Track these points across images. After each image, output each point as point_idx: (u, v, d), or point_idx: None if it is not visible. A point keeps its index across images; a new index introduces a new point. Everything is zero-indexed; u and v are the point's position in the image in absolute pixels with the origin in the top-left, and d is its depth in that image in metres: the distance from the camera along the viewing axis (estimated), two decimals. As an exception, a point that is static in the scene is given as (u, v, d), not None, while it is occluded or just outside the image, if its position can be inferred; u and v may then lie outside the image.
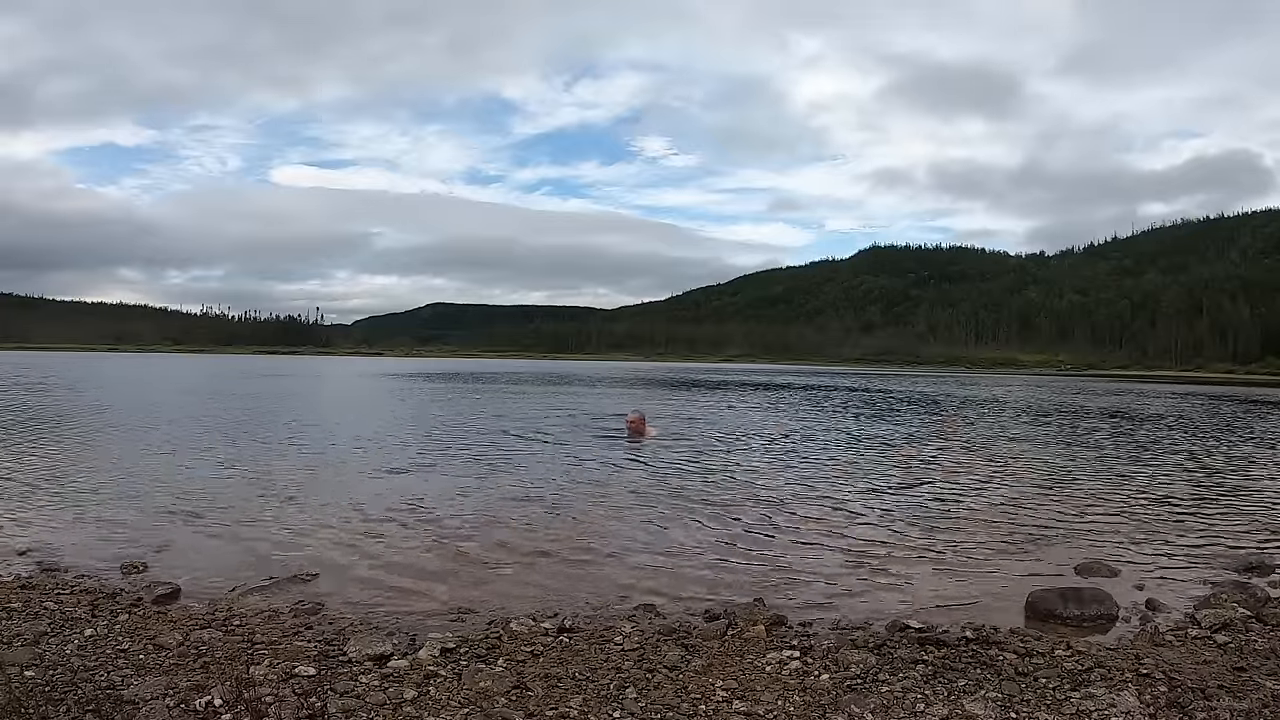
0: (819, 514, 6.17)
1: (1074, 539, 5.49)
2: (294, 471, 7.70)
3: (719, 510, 6.20)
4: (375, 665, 2.91)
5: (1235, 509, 6.79)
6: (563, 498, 6.58)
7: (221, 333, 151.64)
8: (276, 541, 4.96)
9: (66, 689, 2.60)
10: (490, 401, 19.48)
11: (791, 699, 2.71)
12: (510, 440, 10.69)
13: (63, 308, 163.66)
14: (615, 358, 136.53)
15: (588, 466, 8.42)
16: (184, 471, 7.57)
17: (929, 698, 2.71)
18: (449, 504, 6.22)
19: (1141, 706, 2.64)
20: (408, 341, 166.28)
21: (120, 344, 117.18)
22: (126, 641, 3.10)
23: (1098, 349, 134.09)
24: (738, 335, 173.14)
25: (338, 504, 6.13)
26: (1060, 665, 2.99)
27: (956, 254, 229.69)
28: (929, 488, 7.52)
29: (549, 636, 3.27)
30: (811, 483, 7.66)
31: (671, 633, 3.37)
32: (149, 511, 5.73)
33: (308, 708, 2.51)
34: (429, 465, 8.30)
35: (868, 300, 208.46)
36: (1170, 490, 7.69)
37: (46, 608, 3.47)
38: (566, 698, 2.68)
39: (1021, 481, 8.07)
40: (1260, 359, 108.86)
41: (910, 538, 5.43)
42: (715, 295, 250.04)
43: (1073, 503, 6.90)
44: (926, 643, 3.21)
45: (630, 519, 5.84)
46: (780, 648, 3.18)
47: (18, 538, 4.90)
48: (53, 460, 8.07)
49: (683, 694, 2.73)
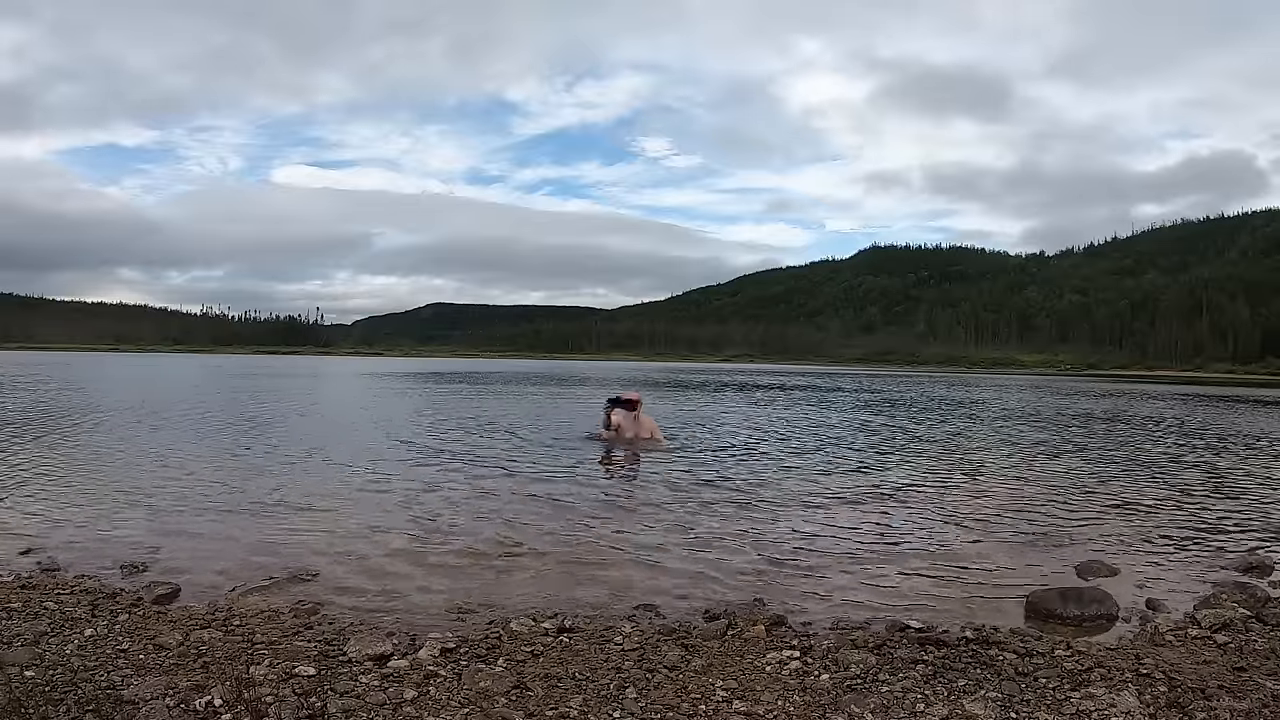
0: (819, 514, 6.17)
1: (1074, 539, 5.49)
2: (294, 471, 7.70)
3: (719, 510, 6.20)
4: (375, 665, 2.91)
5: (1235, 509, 6.79)
6: (562, 497, 6.58)
7: (222, 333, 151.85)
8: (276, 541, 4.96)
9: (66, 689, 2.59)
10: (490, 402, 19.49)
11: (791, 699, 2.71)
12: (509, 440, 10.69)
13: (64, 308, 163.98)
14: (615, 358, 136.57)
15: (587, 466, 8.41)
16: (184, 471, 7.56)
17: (929, 698, 2.71)
18: (448, 503, 6.22)
19: (1141, 706, 2.64)
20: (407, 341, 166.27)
21: (121, 344, 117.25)
22: (126, 641, 3.10)
23: (1098, 349, 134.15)
24: (738, 335, 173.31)
25: (337, 504, 6.13)
26: (1060, 665, 2.99)
27: (956, 254, 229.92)
28: (929, 488, 7.52)
29: (549, 636, 3.27)
30: (811, 482, 7.66)
31: (671, 633, 3.37)
32: (149, 511, 5.72)
33: (308, 708, 2.51)
34: (428, 465, 8.30)
35: (868, 300, 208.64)
36: (1170, 490, 7.69)
37: (46, 608, 3.47)
38: (566, 698, 2.68)
39: (1021, 481, 8.07)
40: (1260, 359, 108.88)
41: (910, 537, 5.43)
42: (715, 295, 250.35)
43: (1073, 503, 6.90)
44: (926, 643, 3.21)
45: (630, 518, 5.84)
46: (780, 648, 3.18)
47: (18, 538, 4.90)
48: (53, 460, 8.06)
49: (683, 694, 2.73)
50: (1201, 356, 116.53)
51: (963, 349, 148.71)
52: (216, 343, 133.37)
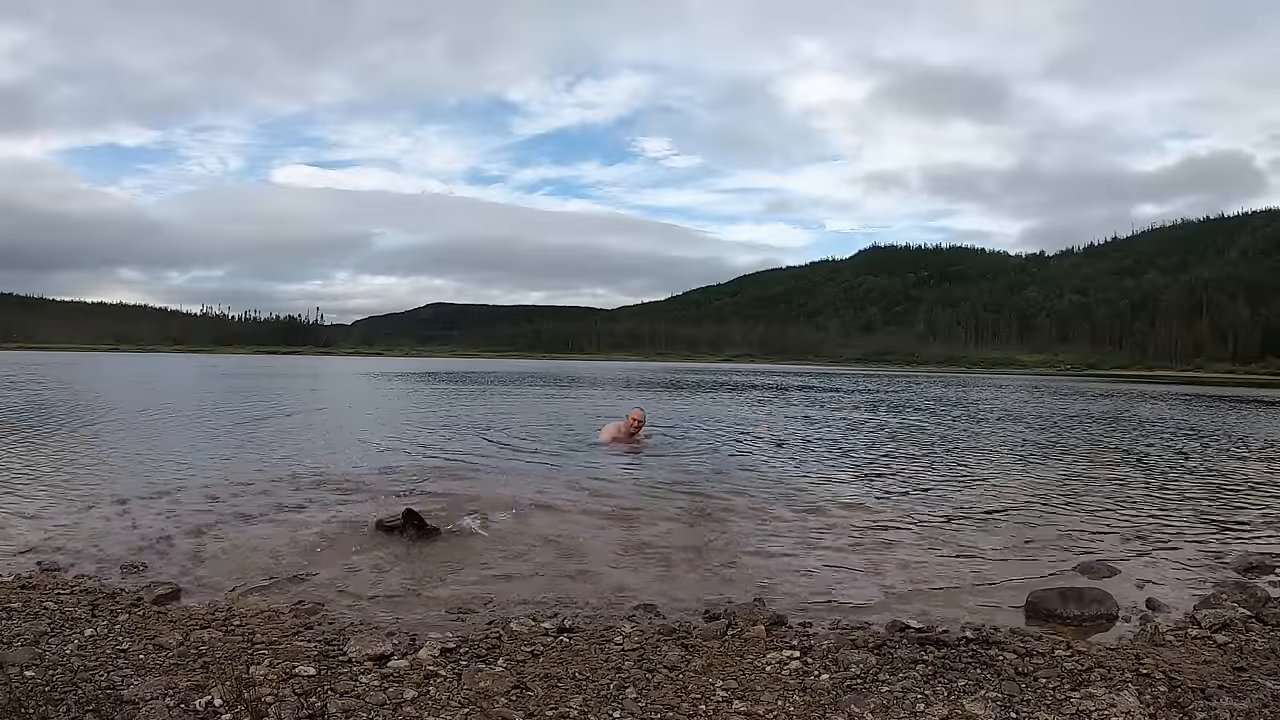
0: (819, 514, 6.17)
1: (1074, 539, 5.49)
2: (293, 471, 7.69)
3: (719, 510, 6.20)
4: (375, 665, 2.91)
5: (1235, 509, 6.79)
6: (562, 497, 6.57)
7: (222, 333, 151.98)
8: (276, 541, 4.96)
9: (66, 689, 2.59)
10: (490, 402, 19.49)
11: (791, 699, 2.71)
12: (508, 440, 10.69)
13: (64, 308, 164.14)
14: (615, 358, 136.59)
15: (587, 466, 8.41)
16: (183, 470, 7.56)
17: (929, 698, 2.71)
18: (448, 503, 6.22)
19: (1141, 706, 2.64)
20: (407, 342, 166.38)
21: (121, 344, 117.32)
22: (126, 641, 3.10)
23: (1098, 349, 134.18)
24: (737, 335, 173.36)
25: (337, 503, 6.13)
26: (1060, 665, 2.99)
27: (956, 254, 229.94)
28: (929, 488, 7.52)
29: (549, 636, 3.27)
30: (811, 482, 7.66)
31: (671, 633, 3.37)
32: (149, 511, 5.72)
33: (308, 708, 2.51)
34: (427, 465, 8.30)
35: (868, 300, 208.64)
36: (1170, 490, 7.69)
37: (46, 608, 3.47)
38: (566, 698, 2.68)
39: (1021, 481, 8.07)
40: (1260, 359, 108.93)
41: (910, 537, 5.43)
42: (715, 295, 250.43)
43: (1073, 503, 6.90)
44: (926, 643, 3.21)
45: (630, 518, 5.84)
46: (780, 648, 3.18)
47: (18, 537, 4.90)
48: (52, 459, 8.06)
49: (683, 694, 2.73)
50: (1201, 356, 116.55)
51: (962, 349, 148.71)
52: (216, 343, 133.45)
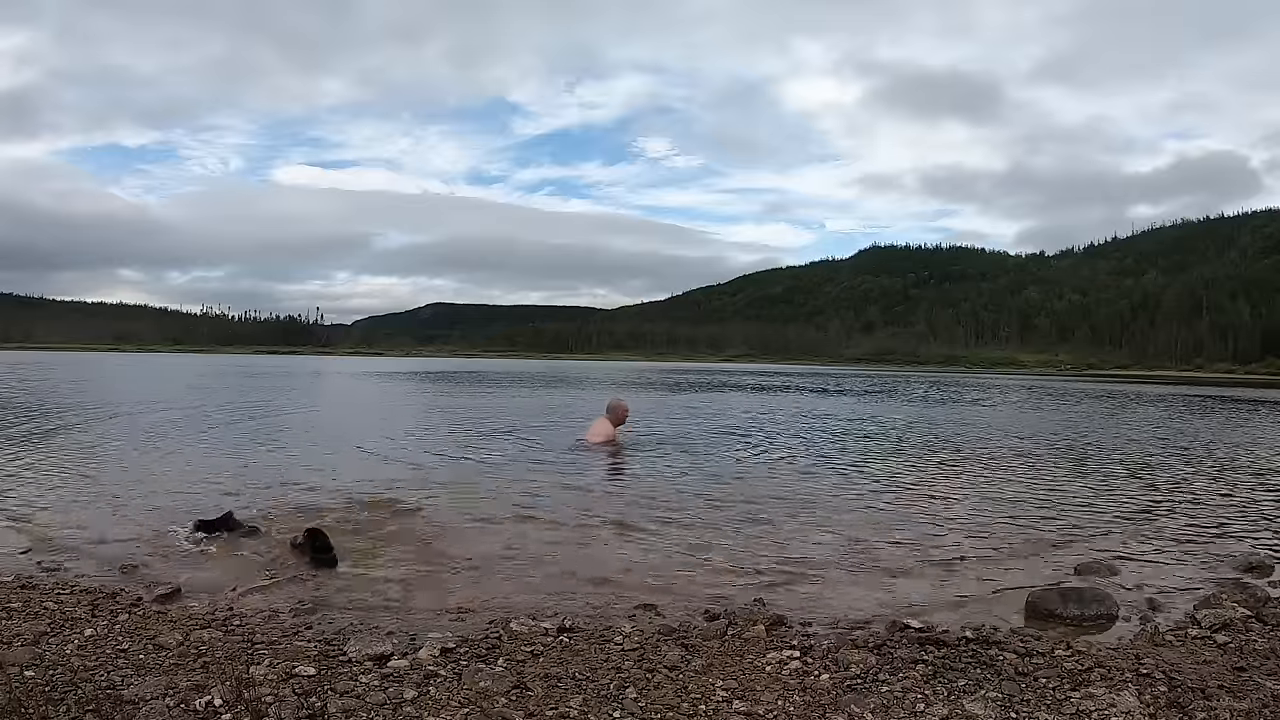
0: (819, 513, 6.17)
1: (1074, 539, 5.49)
2: (293, 471, 7.69)
3: (719, 510, 6.20)
4: (375, 665, 2.91)
5: (1235, 509, 6.78)
6: (561, 497, 6.57)
7: (222, 333, 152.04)
8: (276, 541, 4.95)
9: (66, 689, 2.59)
10: (489, 402, 19.48)
11: (791, 699, 2.71)
12: (507, 440, 10.69)
13: (65, 308, 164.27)
14: (615, 358, 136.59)
15: (587, 466, 8.41)
16: (183, 470, 7.56)
17: (929, 698, 2.71)
18: (447, 503, 6.22)
19: (1141, 706, 2.64)
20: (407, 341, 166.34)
21: (121, 344, 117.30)
22: (126, 641, 3.10)
23: (1098, 349, 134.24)
24: (738, 335, 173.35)
25: (336, 503, 6.13)
26: (1060, 665, 2.99)
27: (956, 254, 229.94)
28: (928, 488, 7.52)
29: (549, 636, 3.27)
30: (810, 482, 7.66)
31: (671, 633, 3.37)
32: (149, 511, 5.72)
33: (308, 708, 2.51)
34: (427, 464, 8.30)
35: (868, 300, 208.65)
36: (1170, 490, 7.69)
37: (46, 608, 3.47)
38: (566, 697, 2.68)
39: (1021, 481, 8.07)
40: (1260, 359, 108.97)
41: (910, 538, 5.42)
42: (715, 295, 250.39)
43: (1073, 502, 6.90)
44: (926, 643, 3.21)
45: (630, 519, 5.83)
46: (780, 648, 3.18)
47: (18, 538, 4.90)
48: (52, 459, 8.06)
49: (683, 694, 2.73)
50: (1201, 356, 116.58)
51: (962, 349, 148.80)
52: (216, 343, 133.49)
